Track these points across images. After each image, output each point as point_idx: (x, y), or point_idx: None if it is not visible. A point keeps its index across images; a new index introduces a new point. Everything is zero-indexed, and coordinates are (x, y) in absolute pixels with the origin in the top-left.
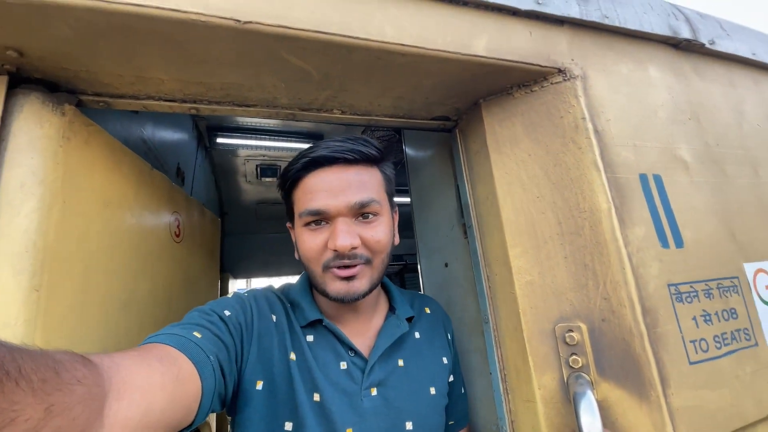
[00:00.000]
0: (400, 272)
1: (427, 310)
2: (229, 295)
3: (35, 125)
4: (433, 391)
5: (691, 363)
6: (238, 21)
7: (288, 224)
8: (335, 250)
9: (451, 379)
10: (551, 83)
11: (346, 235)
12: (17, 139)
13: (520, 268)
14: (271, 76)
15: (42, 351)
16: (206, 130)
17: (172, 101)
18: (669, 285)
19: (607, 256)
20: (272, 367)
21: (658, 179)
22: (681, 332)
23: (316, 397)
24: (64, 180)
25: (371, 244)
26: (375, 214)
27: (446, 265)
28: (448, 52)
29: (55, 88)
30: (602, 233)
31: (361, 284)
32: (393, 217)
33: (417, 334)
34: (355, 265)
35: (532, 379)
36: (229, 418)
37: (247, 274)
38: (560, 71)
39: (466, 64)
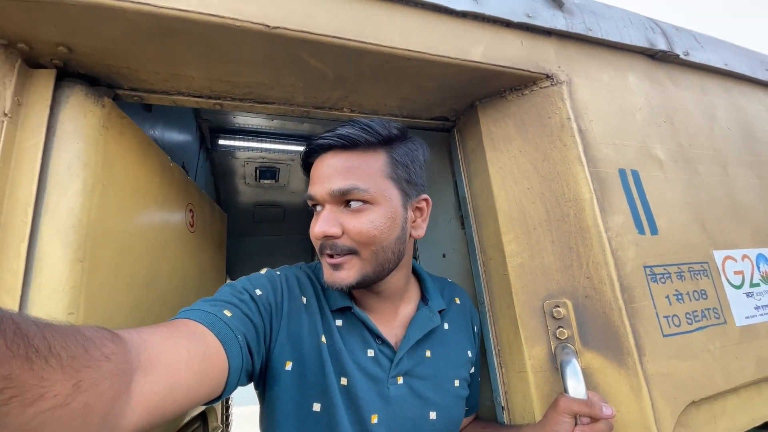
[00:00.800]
0: None
1: (457, 301)
2: (263, 272)
3: (80, 114)
4: (456, 383)
5: (664, 335)
6: (268, 26)
7: None
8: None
9: (473, 370)
10: (540, 87)
11: (322, 222)
12: (64, 126)
13: (512, 251)
14: (291, 76)
15: (73, 327)
16: (209, 131)
17: (199, 97)
18: (645, 267)
19: (590, 240)
20: (301, 348)
21: (635, 174)
22: (655, 308)
23: (344, 381)
24: (104, 165)
25: (353, 235)
26: (363, 202)
27: (444, 256)
28: (449, 57)
29: (95, 82)
30: (585, 220)
31: (347, 275)
32: (408, 206)
33: (446, 325)
34: (339, 254)
35: (523, 351)
36: (258, 392)
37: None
38: (548, 77)
39: (464, 68)
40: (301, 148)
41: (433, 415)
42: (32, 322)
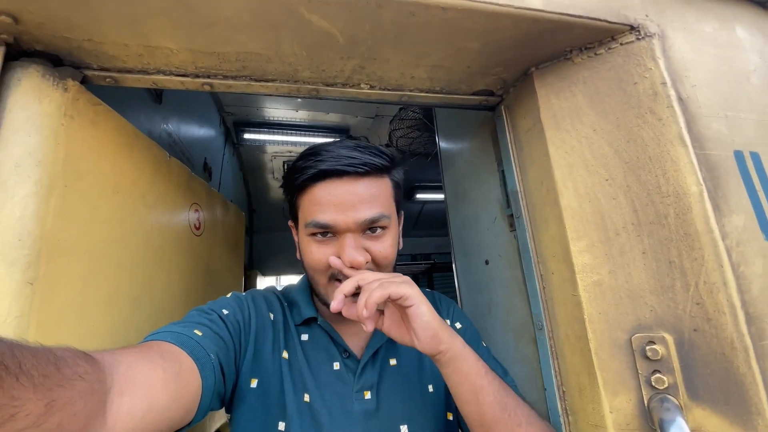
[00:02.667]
0: (427, 271)
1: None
2: (228, 296)
3: (33, 101)
4: (431, 388)
5: None
6: None
7: (290, 223)
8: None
9: None
10: (621, 44)
11: (356, 253)
12: (13, 115)
13: (585, 265)
14: (291, 43)
15: (43, 347)
16: (233, 125)
17: (183, 76)
18: None
19: (700, 250)
20: (266, 365)
21: (756, 157)
22: None
23: (306, 397)
24: (66, 162)
25: (379, 259)
26: (383, 228)
27: (487, 262)
28: (499, 5)
29: (59, 62)
30: (692, 222)
31: None
32: (399, 223)
33: None
34: None
35: (601, 400)
36: (227, 415)
37: (276, 271)
38: (633, 29)
39: (519, 20)
40: (329, 140)
41: (404, 429)
42: (0, 340)
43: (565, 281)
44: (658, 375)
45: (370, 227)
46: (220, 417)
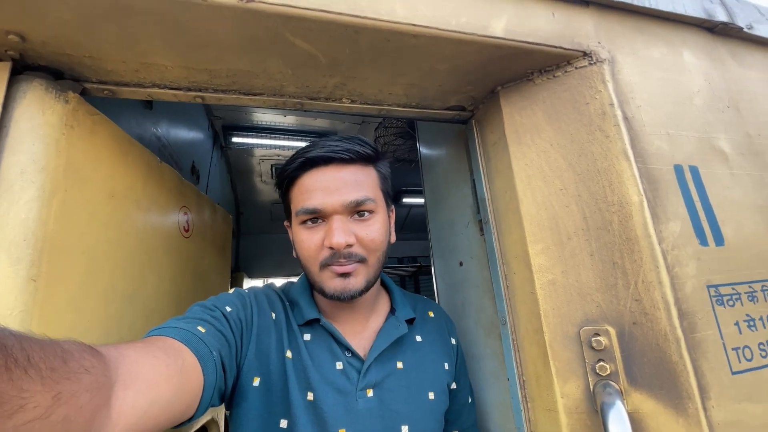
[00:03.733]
0: (414, 274)
1: (431, 314)
2: (230, 291)
3: (37, 112)
4: (431, 396)
5: (733, 373)
6: (241, 0)
7: (285, 223)
8: (331, 248)
9: (455, 386)
10: (576, 68)
11: (341, 233)
12: (19, 125)
13: (542, 266)
14: (277, 62)
15: (51, 340)
16: (222, 129)
17: (177, 89)
18: (708, 286)
19: (639, 253)
20: (269, 364)
21: (694, 171)
22: (722, 338)
23: (310, 396)
24: (67, 169)
25: (366, 243)
26: (370, 212)
27: (461, 264)
28: (464, 33)
29: (60, 76)
30: (633, 228)
31: (357, 281)
32: (389, 216)
33: (418, 337)
34: (351, 263)
35: (554, 387)
36: (227, 412)
37: (263, 273)
38: (586, 54)
39: (483, 46)
40: None
41: (405, 429)
42: (9, 332)
43: (525, 280)
44: (601, 363)
45: (358, 211)
46: (209, 412)
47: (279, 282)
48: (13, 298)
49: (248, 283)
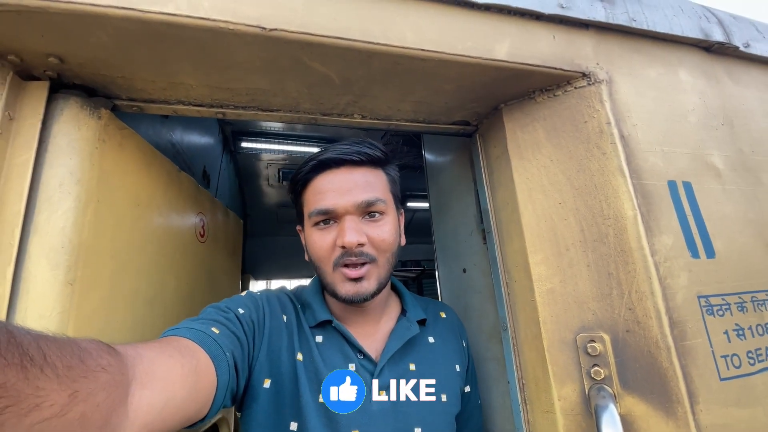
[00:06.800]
0: (417, 277)
1: (443, 315)
2: (243, 294)
3: (74, 128)
4: (444, 398)
5: (721, 379)
6: (264, 28)
7: (298, 227)
8: (343, 247)
9: (468, 389)
10: (575, 87)
11: (353, 232)
12: (57, 140)
13: (541, 275)
14: (294, 82)
15: (68, 339)
16: (231, 134)
17: (200, 106)
18: (699, 297)
19: (633, 264)
20: (280, 366)
21: (687, 186)
22: (711, 346)
23: (321, 398)
24: (99, 180)
25: (377, 243)
26: (381, 213)
27: (464, 271)
28: (469, 57)
29: (93, 93)
30: (627, 241)
31: (369, 284)
32: (399, 218)
33: (431, 339)
34: (363, 264)
35: (551, 390)
36: (238, 414)
37: (268, 275)
38: (584, 75)
39: (487, 68)
40: None
41: (418, 431)
42: (26, 331)
43: (525, 288)
44: (596, 368)
45: (369, 212)
46: (220, 412)
47: (283, 284)
48: (52, 300)
49: (254, 285)
